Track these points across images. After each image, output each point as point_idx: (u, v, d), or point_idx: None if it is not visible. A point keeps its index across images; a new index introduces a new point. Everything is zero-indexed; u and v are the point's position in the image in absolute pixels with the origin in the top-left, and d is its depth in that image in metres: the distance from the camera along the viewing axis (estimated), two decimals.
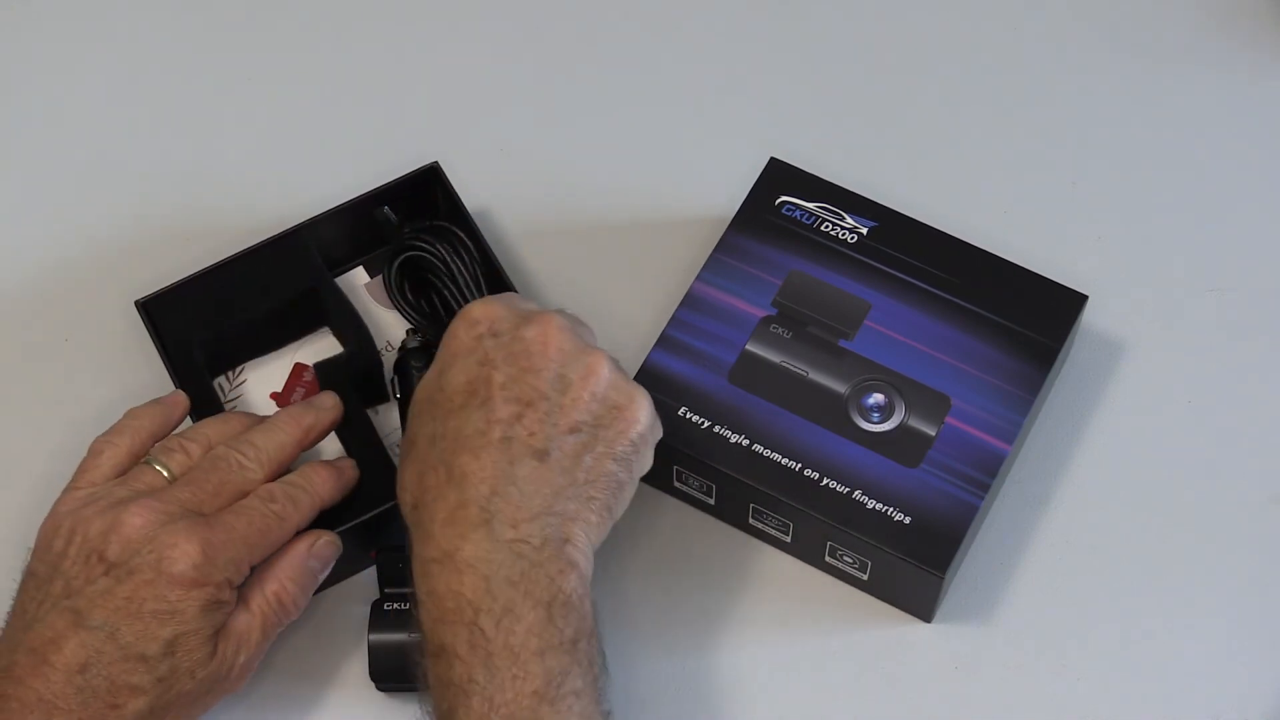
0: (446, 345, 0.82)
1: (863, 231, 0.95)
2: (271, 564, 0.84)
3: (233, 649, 0.82)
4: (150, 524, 0.80)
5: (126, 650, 0.78)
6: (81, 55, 1.11)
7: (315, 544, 0.85)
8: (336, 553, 0.86)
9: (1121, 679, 0.88)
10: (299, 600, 0.84)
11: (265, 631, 0.83)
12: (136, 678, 0.78)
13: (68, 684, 0.77)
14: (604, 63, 1.09)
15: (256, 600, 0.83)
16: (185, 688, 0.80)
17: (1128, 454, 0.95)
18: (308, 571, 0.85)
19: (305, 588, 0.85)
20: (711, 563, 0.92)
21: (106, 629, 0.78)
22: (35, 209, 1.05)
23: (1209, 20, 1.09)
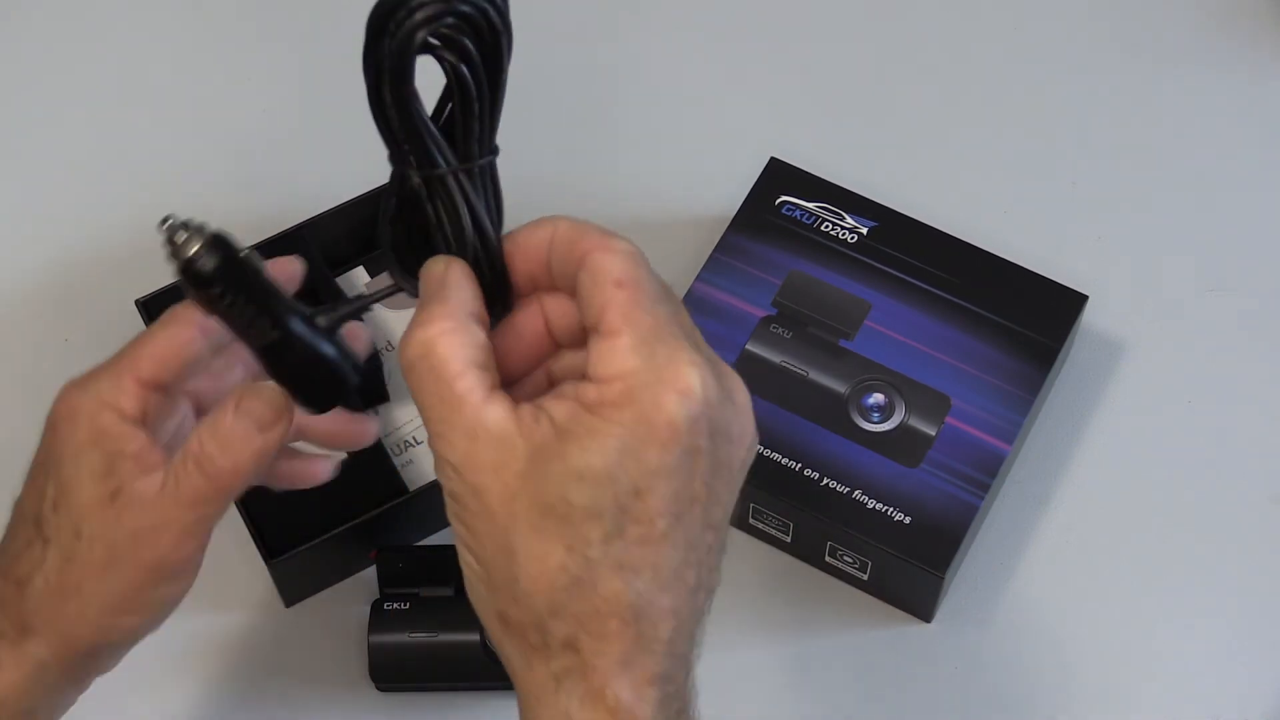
0: (652, 425, 0.58)
1: (863, 231, 0.95)
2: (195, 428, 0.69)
3: (134, 514, 0.67)
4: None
5: (22, 515, 0.70)
6: (81, 55, 1.10)
7: (241, 396, 0.68)
8: (272, 410, 0.68)
9: (1121, 679, 0.88)
10: (223, 462, 0.67)
11: (179, 501, 0.67)
12: (30, 545, 0.69)
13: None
14: (603, 62, 1.09)
15: (174, 460, 0.68)
16: (82, 554, 0.68)
17: (1128, 454, 0.95)
18: (233, 430, 0.68)
19: (231, 448, 0.67)
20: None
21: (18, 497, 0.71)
22: (35, 209, 1.05)
23: (1209, 20, 1.09)
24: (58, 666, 0.70)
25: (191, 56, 1.10)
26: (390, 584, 0.88)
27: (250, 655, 0.90)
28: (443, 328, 0.60)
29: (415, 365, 0.60)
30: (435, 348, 0.60)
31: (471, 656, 0.86)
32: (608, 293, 0.60)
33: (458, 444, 0.59)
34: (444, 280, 0.62)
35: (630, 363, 0.58)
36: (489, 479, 0.59)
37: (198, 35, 1.11)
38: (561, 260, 0.63)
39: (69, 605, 0.69)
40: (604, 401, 0.58)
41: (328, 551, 0.89)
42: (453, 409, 0.59)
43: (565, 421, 0.58)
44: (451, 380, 0.59)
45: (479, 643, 0.86)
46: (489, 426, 0.59)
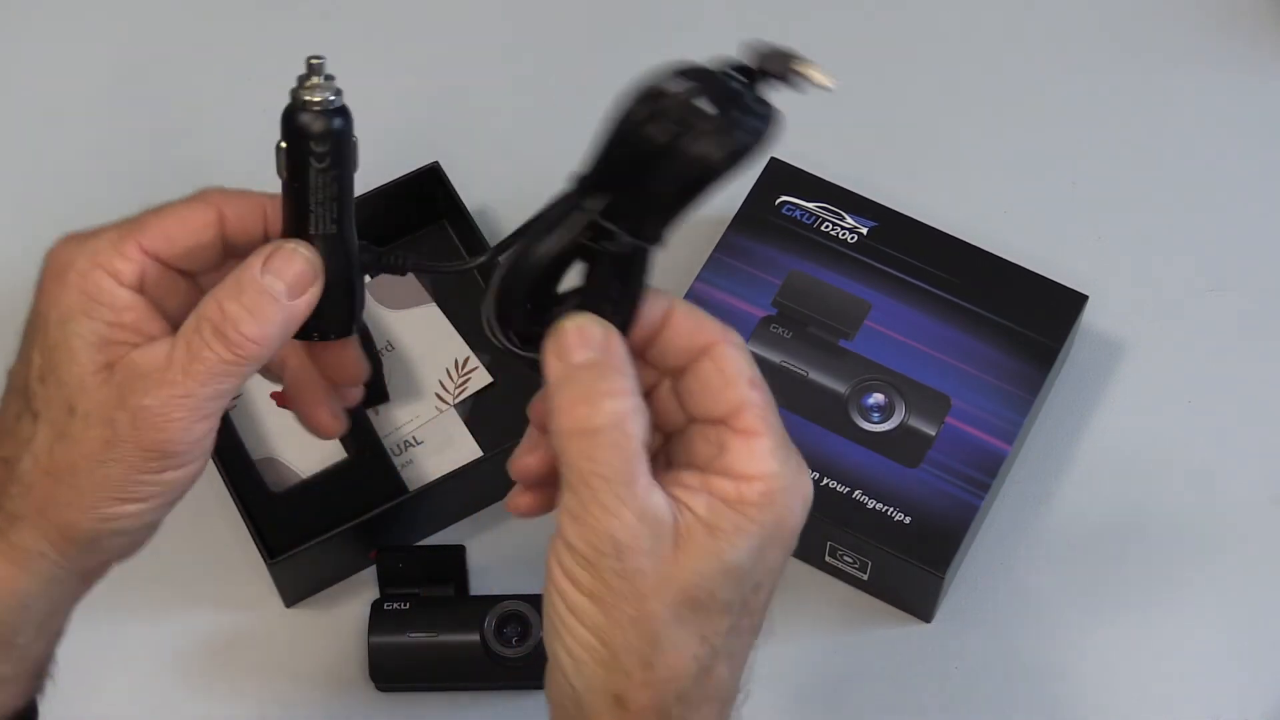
0: (781, 527, 0.61)
1: (863, 231, 0.95)
2: (212, 290, 0.63)
3: (136, 389, 0.61)
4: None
5: (12, 385, 0.64)
6: (81, 54, 1.10)
7: (271, 255, 0.63)
8: (309, 271, 0.63)
9: (1121, 679, 0.88)
10: (248, 328, 0.62)
11: (191, 373, 0.61)
12: (19, 420, 0.63)
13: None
14: (604, 62, 1.09)
15: (184, 325, 0.62)
16: (77, 432, 0.62)
17: (1128, 454, 0.95)
18: (261, 291, 0.62)
19: (259, 311, 0.62)
20: None
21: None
22: (35, 209, 1.05)
23: (1209, 20, 1.09)
24: (56, 555, 0.63)
25: (192, 56, 1.10)
26: (390, 584, 0.88)
27: (250, 655, 0.90)
28: (633, 404, 0.59)
29: (601, 433, 0.58)
30: (627, 423, 0.58)
31: (471, 656, 0.86)
32: (743, 392, 0.61)
33: (629, 523, 0.58)
34: (611, 350, 0.60)
35: (771, 466, 0.60)
36: (647, 563, 0.58)
37: (198, 34, 1.11)
38: (678, 343, 0.62)
39: (62, 489, 0.62)
40: (744, 500, 0.59)
41: (328, 551, 0.89)
42: (629, 487, 0.58)
43: (709, 516, 0.59)
44: (633, 458, 0.58)
45: (479, 643, 0.86)
46: (654, 511, 0.58)
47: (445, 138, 1.04)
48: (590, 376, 0.59)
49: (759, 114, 0.56)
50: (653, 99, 0.56)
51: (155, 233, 0.64)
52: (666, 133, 0.55)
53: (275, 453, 0.94)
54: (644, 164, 0.57)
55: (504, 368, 0.96)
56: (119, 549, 0.65)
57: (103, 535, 0.63)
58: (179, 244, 0.64)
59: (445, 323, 0.97)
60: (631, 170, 0.57)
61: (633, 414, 0.59)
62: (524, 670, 0.86)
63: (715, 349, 0.61)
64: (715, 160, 0.56)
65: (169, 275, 0.65)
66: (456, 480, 0.90)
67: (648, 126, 0.56)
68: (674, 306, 0.62)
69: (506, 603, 0.86)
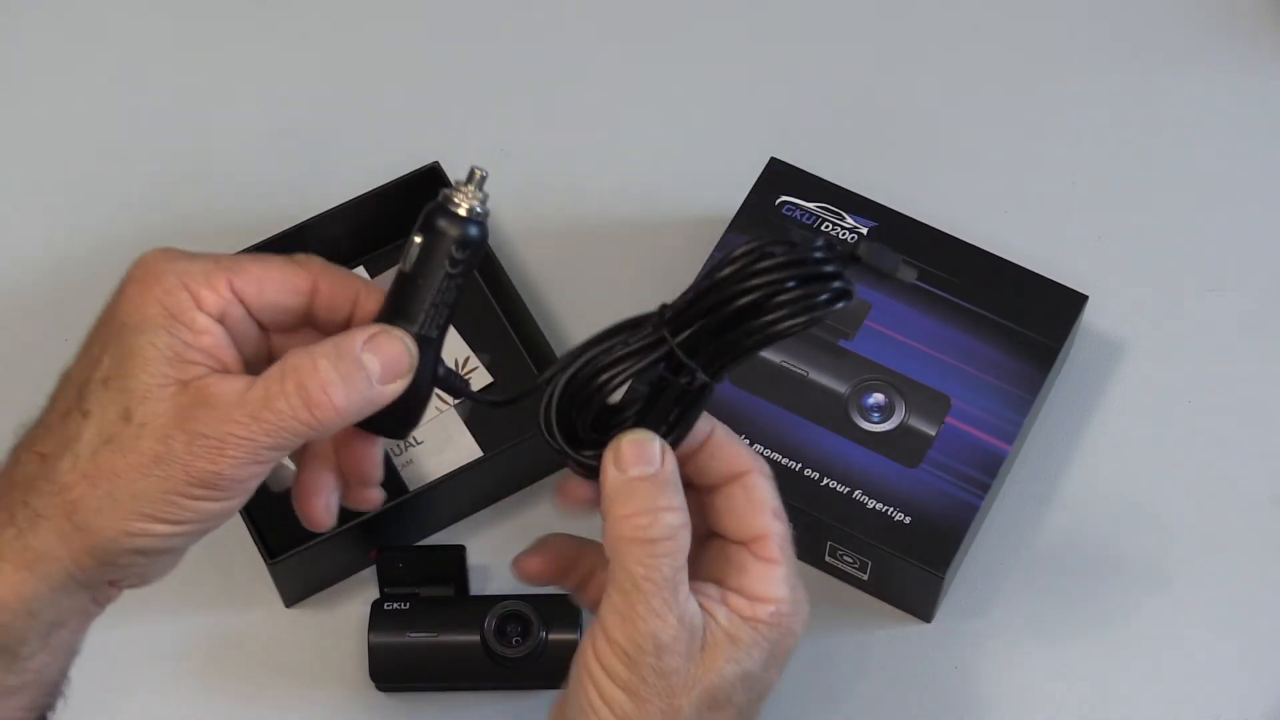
0: (783, 647, 0.67)
1: (863, 231, 0.95)
2: (307, 347, 0.63)
3: (203, 416, 0.60)
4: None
5: (66, 382, 0.63)
6: (81, 54, 1.10)
7: (376, 335, 0.63)
8: (407, 363, 0.64)
9: (1121, 679, 0.88)
10: (335, 393, 0.61)
11: (260, 419, 0.61)
12: (66, 418, 0.62)
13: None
14: (604, 63, 1.09)
15: (268, 372, 0.62)
16: (128, 441, 0.61)
17: (1128, 454, 0.95)
18: (358, 365, 0.62)
19: (350, 382, 0.62)
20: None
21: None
22: (35, 209, 1.05)
23: (1209, 20, 1.09)
24: (70, 563, 0.62)
25: (192, 56, 1.10)
26: (390, 584, 0.88)
27: (250, 655, 0.90)
28: (684, 519, 0.64)
29: (659, 544, 0.63)
30: (680, 536, 0.64)
31: (471, 656, 0.86)
32: (767, 521, 0.66)
33: (671, 626, 0.63)
34: (667, 467, 0.65)
35: (783, 592, 0.66)
36: (680, 664, 0.64)
37: (198, 35, 1.11)
38: (715, 466, 0.67)
39: (97, 494, 0.61)
40: (758, 618, 0.65)
41: (328, 551, 0.89)
42: (674, 593, 0.63)
43: (729, 627, 0.65)
44: (681, 568, 0.64)
45: (479, 643, 0.86)
46: (691, 618, 0.64)
47: (445, 138, 1.04)
48: (649, 490, 0.64)
49: (834, 293, 0.62)
50: (749, 261, 0.61)
51: (249, 277, 0.64)
52: (756, 295, 0.61)
53: None
54: (732, 317, 0.62)
55: (504, 368, 0.96)
56: (135, 571, 0.64)
57: (123, 551, 0.62)
58: (267, 296, 0.65)
59: None
60: (718, 318, 0.62)
61: (683, 528, 0.64)
62: (524, 670, 0.86)
63: (747, 477, 0.67)
64: (789, 331, 0.61)
65: (246, 321, 0.65)
66: (456, 480, 0.90)
67: (741, 285, 0.61)
68: (715, 430, 0.67)
69: (506, 603, 0.86)
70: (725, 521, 0.67)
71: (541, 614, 0.86)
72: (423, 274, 0.63)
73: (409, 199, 0.99)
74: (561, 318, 0.99)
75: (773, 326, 0.61)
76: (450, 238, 0.62)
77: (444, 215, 0.62)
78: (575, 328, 0.98)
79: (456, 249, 0.62)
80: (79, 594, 0.64)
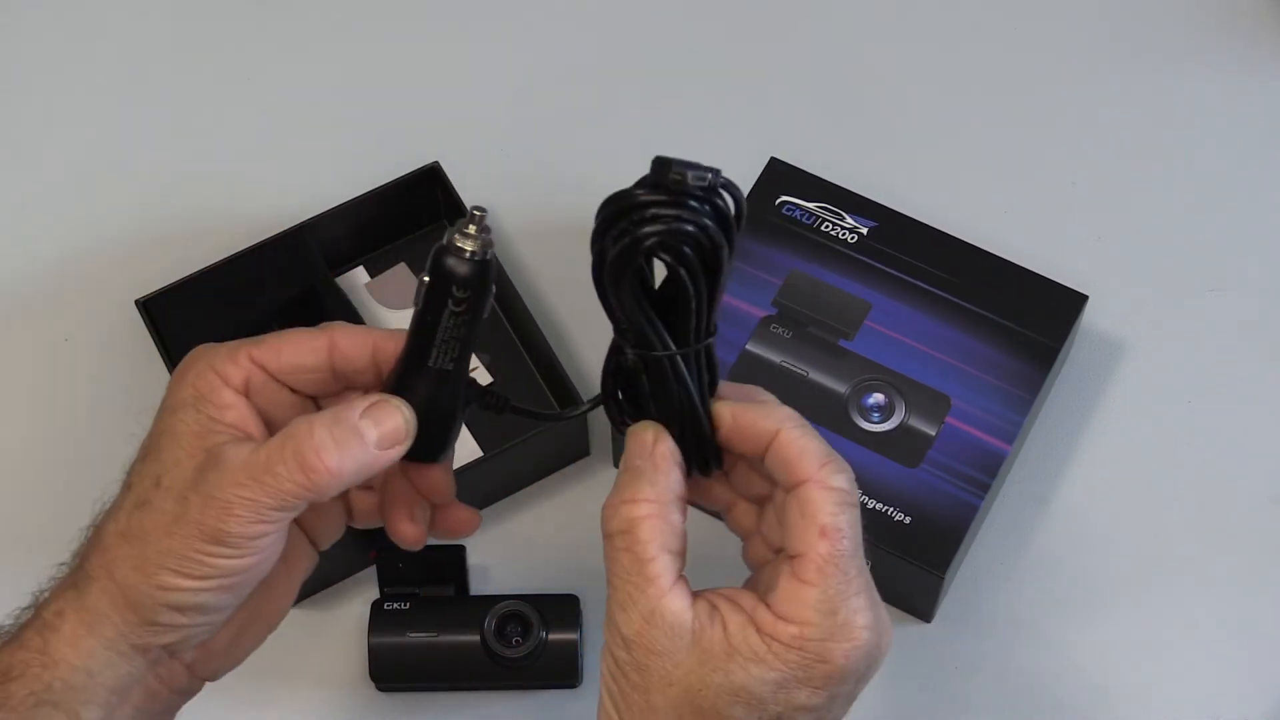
0: (812, 672, 0.64)
1: (863, 231, 0.95)
2: (306, 416, 0.66)
3: (214, 477, 0.64)
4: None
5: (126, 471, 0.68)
6: (81, 55, 1.11)
7: (374, 405, 0.66)
8: (404, 430, 0.67)
9: (1122, 679, 0.88)
10: (329, 458, 0.64)
11: (259, 480, 0.64)
12: (119, 496, 0.67)
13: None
14: (604, 63, 1.09)
15: (274, 437, 0.65)
16: (156, 502, 0.65)
17: (1128, 454, 0.95)
18: (354, 431, 0.65)
19: (344, 446, 0.65)
20: (712, 562, 0.92)
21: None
22: (35, 209, 1.05)
23: (1209, 20, 1.09)
24: (119, 619, 0.66)
25: (192, 56, 1.10)
26: (390, 584, 0.88)
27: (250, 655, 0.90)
28: (647, 510, 0.64)
29: (614, 537, 0.64)
30: (638, 529, 0.64)
31: (471, 656, 0.86)
32: (811, 539, 0.63)
33: (635, 621, 0.63)
34: (652, 456, 0.65)
35: (810, 616, 0.63)
36: (654, 661, 0.63)
37: (198, 35, 1.11)
38: (777, 470, 0.65)
39: (130, 551, 0.65)
40: (776, 636, 0.63)
41: (328, 552, 0.88)
42: (639, 588, 0.63)
43: (736, 635, 0.63)
44: (645, 561, 0.63)
45: (479, 643, 0.86)
46: (667, 614, 0.63)
47: (445, 138, 1.04)
48: (623, 481, 0.65)
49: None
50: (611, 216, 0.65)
51: (268, 346, 0.68)
52: (625, 240, 0.63)
53: None
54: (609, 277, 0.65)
55: (504, 368, 0.96)
56: (180, 632, 0.67)
57: (158, 607, 0.65)
58: (285, 360, 0.68)
59: None
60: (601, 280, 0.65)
61: (644, 521, 0.64)
62: (524, 670, 0.86)
63: (802, 489, 0.64)
64: (646, 240, 0.63)
65: (273, 386, 0.69)
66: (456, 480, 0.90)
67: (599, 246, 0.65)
68: (781, 431, 0.65)
69: (506, 603, 0.86)
70: (781, 534, 0.65)
71: (541, 614, 0.86)
72: (430, 312, 0.66)
73: (409, 199, 0.99)
74: (561, 318, 0.99)
75: (637, 233, 0.63)
76: (454, 277, 0.65)
77: (445, 256, 0.65)
78: (575, 328, 0.98)
79: (458, 288, 0.65)
80: (134, 659, 0.67)
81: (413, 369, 0.67)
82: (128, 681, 0.67)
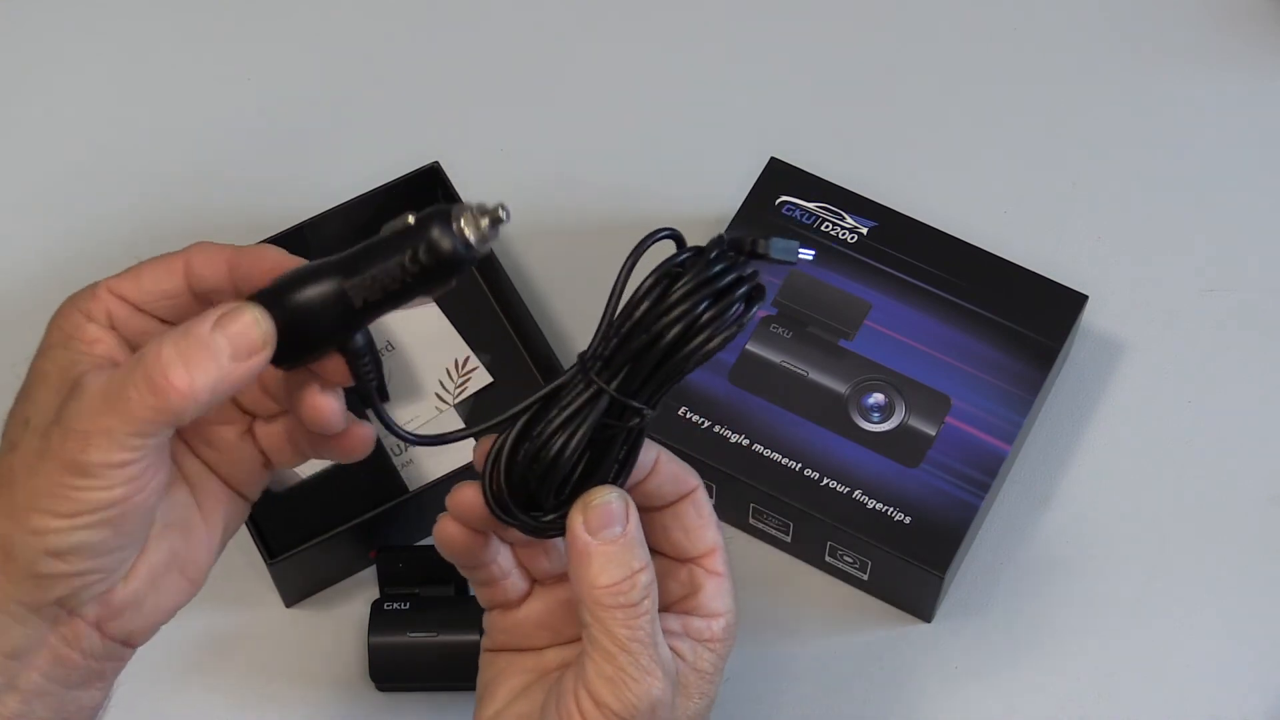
0: (726, 654, 0.70)
1: (863, 231, 0.95)
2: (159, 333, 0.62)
3: (71, 409, 0.60)
4: None
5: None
6: (81, 54, 1.10)
7: (227, 315, 0.61)
8: (259, 340, 0.62)
9: (1121, 679, 0.88)
10: (178, 377, 0.59)
11: (113, 407, 0.60)
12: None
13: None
14: (604, 62, 1.09)
15: (128, 362, 0.61)
16: (25, 443, 0.62)
17: (1128, 454, 0.95)
18: (205, 346, 0.60)
19: (194, 363, 0.60)
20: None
21: None
22: (35, 209, 1.05)
23: (1209, 20, 1.09)
24: (3, 578, 0.62)
25: (191, 55, 1.10)
26: (390, 584, 0.88)
27: (250, 655, 0.90)
28: (652, 575, 0.65)
29: (639, 605, 0.65)
30: (654, 591, 0.65)
31: (471, 656, 0.86)
32: (712, 535, 0.68)
33: (662, 683, 0.65)
34: (633, 522, 0.65)
35: (730, 604, 0.69)
36: (667, 713, 0.66)
37: (197, 34, 1.11)
38: (666, 488, 0.68)
39: (2, 498, 0.62)
40: (714, 636, 0.68)
41: (328, 551, 0.89)
42: (658, 649, 0.65)
43: (694, 660, 0.68)
44: (657, 621, 0.65)
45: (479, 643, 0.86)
46: (670, 667, 0.66)
47: (445, 138, 1.04)
48: (622, 553, 0.65)
49: (747, 298, 0.63)
50: (660, 294, 0.63)
51: (125, 277, 0.66)
52: (675, 329, 0.62)
53: None
54: (664, 353, 0.63)
55: (504, 368, 0.96)
56: (67, 583, 0.62)
57: (38, 555, 0.61)
58: (146, 287, 0.66)
59: (445, 323, 0.97)
60: (650, 357, 0.63)
61: (654, 582, 0.66)
62: None
63: (695, 494, 0.68)
64: (713, 351, 0.62)
65: (144, 319, 0.66)
66: (456, 480, 0.90)
67: (661, 321, 0.62)
68: (659, 453, 0.68)
69: None
70: (678, 541, 0.68)
71: None
72: (387, 248, 0.62)
73: (409, 199, 0.99)
74: (561, 318, 0.99)
75: (702, 349, 0.62)
76: (433, 245, 0.61)
77: (440, 221, 0.62)
78: (575, 328, 0.98)
79: (424, 254, 0.61)
80: (29, 620, 0.62)
81: (313, 277, 0.62)
82: (26, 645, 0.62)
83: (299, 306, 0.62)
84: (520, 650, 0.71)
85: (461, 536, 0.69)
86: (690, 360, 0.62)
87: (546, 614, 0.71)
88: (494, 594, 0.71)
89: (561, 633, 0.70)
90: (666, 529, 0.69)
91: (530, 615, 0.71)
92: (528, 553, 0.71)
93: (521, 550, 0.71)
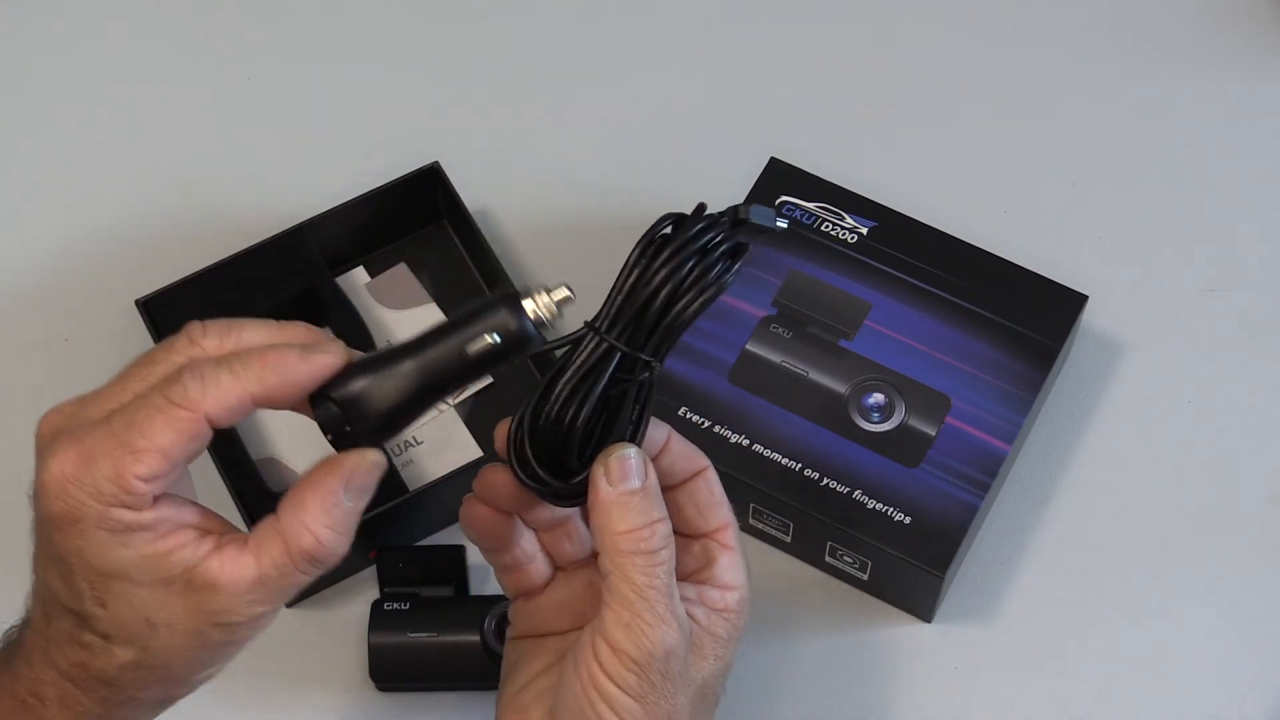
0: (741, 627, 0.71)
1: (863, 231, 0.95)
2: (293, 505, 0.65)
3: (211, 600, 0.64)
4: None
5: (55, 606, 0.65)
6: (82, 55, 1.11)
7: (348, 468, 0.65)
8: (378, 474, 0.66)
9: (1121, 679, 0.88)
10: (332, 543, 0.65)
11: (282, 589, 0.66)
12: (87, 646, 0.65)
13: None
14: (604, 62, 1.10)
15: (266, 547, 0.65)
16: (161, 641, 0.65)
17: (1128, 454, 0.95)
18: (344, 511, 0.65)
19: (341, 528, 0.65)
20: None
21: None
22: (35, 209, 1.05)
23: (1209, 20, 1.09)
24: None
25: (192, 57, 1.10)
26: (390, 584, 0.88)
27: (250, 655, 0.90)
28: (669, 529, 0.67)
29: (658, 553, 0.67)
30: (672, 543, 0.67)
31: (471, 656, 0.86)
32: (724, 512, 0.71)
33: (675, 630, 0.66)
34: (651, 477, 0.67)
35: (743, 577, 0.71)
36: (681, 666, 0.67)
37: (198, 36, 1.11)
38: (679, 465, 0.71)
39: (154, 681, 0.67)
40: (727, 607, 0.70)
41: None
42: (674, 600, 0.67)
43: (709, 624, 0.69)
44: (673, 573, 0.67)
45: (479, 643, 0.86)
46: (685, 620, 0.68)
47: (445, 138, 1.04)
48: (643, 503, 0.67)
49: (731, 254, 0.67)
50: (651, 256, 0.67)
51: (150, 458, 0.62)
52: (668, 288, 0.66)
53: (275, 453, 0.94)
54: (659, 311, 0.66)
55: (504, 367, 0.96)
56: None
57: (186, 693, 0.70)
58: (175, 456, 0.63)
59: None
60: (648, 316, 0.66)
61: (672, 535, 0.68)
62: None
63: (706, 472, 0.71)
64: (706, 304, 0.66)
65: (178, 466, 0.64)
66: (456, 480, 0.90)
67: (651, 284, 0.66)
68: (670, 432, 0.70)
69: (506, 603, 0.86)
70: (691, 517, 0.71)
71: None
72: (461, 332, 0.67)
73: (409, 199, 0.99)
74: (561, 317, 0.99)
75: (691, 306, 0.66)
76: (505, 327, 0.66)
77: (511, 305, 0.67)
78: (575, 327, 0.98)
79: (499, 332, 0.66)
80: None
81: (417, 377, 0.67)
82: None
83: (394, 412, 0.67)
84: (544, 635, 0.73)
85: (488, 519, 0.71)
86: (683, 313, 0.65)
87: (570, 598, 0.73)
88: (519, 580, 0.73)
89: (584, 615, 0.71)
90: (680, 506, 0.71)
91: (554, 600, 0.73)
92: (551, 536, 0.73)
93: (545, 535, 0.73)
